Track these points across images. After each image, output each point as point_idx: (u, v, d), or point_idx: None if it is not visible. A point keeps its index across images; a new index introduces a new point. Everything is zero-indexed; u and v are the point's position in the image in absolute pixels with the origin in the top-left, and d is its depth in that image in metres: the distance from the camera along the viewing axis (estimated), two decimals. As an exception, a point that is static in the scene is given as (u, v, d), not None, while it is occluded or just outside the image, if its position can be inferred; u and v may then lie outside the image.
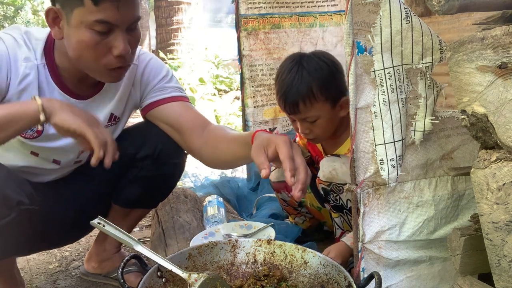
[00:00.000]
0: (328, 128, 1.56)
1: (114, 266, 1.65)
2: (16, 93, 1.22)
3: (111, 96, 1.39)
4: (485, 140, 0.77)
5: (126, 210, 1.57)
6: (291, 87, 1.50)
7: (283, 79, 1.54)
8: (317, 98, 1.48)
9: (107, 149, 1.12)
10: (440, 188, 1.14)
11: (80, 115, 1.12)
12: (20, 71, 1.21)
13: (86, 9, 1.12)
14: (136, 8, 1.20)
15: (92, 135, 1.08)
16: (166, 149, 1.46)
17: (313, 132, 1.56)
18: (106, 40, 1.16)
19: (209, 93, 5.35)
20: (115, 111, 1.41)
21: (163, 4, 6.78)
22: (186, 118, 1.41)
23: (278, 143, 1.03)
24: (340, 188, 1.53)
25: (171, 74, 1.48)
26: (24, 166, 1.32)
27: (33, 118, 1.08)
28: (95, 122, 1.15)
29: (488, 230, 0.77)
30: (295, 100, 1.49)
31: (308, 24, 2.45)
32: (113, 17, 1.13)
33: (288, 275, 1.17)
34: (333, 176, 1.51)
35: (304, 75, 1.49)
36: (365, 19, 1.02)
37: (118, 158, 1.17)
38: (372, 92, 1.05)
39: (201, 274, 1.04)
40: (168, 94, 1.43)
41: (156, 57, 1.51)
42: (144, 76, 1.43)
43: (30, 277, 1.75)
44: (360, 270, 1.11)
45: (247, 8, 2.33)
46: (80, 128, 1.08)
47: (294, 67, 1.53)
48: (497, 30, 0.71)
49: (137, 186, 1.51)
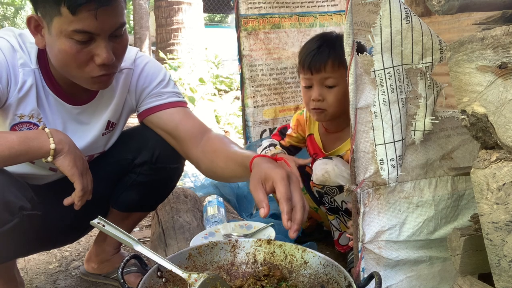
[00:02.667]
0: (340, 102, 1.55)
1: (114, 266, 1.65)
2: (16, 101, 1.22)
3: (107, 101, 1.38)
4: (485, 140, 0.77)
5: (124, 214, 1.57)
6: (324, 48, 1.54)
7: (316, 41, 1.59)
8: (344, 64, 1.52)
9: (83, 198, 1.23)
10: (440, 188, 1.13)
11: (77, 164, 1.20)
12: (19, 78, 1.20)
13: (64, 18, 1.08)
14: (119, 15, 1.15)
15: (80, 186, 1.20)
16: (164, 154, 1.45)
17: (326, 101, 1.56)
18: (87, 48, 1.13)
19: (209, 93, 5.35)
20: (112, 118, 1.40)
21: (163, 4, 6.77)
22: (184, 126, 1.38)
23: (276, 180, 1.02)
24: (334, 191, 1.54)
25: (168, 78, 1.45)
26: (21, 173, 1.31)
27: (42, 156, 1.16)
28: (86, 170, 1.25)
29: (488, 230, 0.77)
30: (325, 58, 1.52)
31: (308, 24, 2.45)
32: (92, 26, 1.10)
33: (288, 275, 1.17)
34: (326, 179, 1.52)
35: (336, 43, 1.54)
36: (365, 19, 1.02)
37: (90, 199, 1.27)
38: (372, 92, 1.05)
39: (201, 274, 1.04)
40: (165, 100, 1.40)
41: (153, 60, 1.48)
42: (140, 82, 1.41)
43: (30, 277, 1.75)
44: (360, 270, 1.11)
45: (247, 8, 2.33)
46: (73, 177, 1.19)
47: (326, 37, 1.60)
48: (497, 30, 0.70)
49: (135, 191, 1.50)
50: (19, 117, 1.24)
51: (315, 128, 1.77)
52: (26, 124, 1.25)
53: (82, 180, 1.20)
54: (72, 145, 1.21)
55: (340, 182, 1.51)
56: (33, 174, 1.35)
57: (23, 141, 1.13)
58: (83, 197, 1.22)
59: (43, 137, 1.15)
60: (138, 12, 8.90)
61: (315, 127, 1.77)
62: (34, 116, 1.26)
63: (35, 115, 1.26)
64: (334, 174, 1.51)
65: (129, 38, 1.25)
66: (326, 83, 1.55)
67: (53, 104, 1.29)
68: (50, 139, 1.15)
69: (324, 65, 1.52)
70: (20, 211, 1.16)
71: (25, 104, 1.23)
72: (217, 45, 8.21)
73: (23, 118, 1.24)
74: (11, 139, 1.12)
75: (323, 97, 1.56)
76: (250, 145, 2.39)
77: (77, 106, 1.33)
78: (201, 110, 4.68)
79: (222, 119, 5.06)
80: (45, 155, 1.15)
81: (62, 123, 1.32)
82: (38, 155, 1.15)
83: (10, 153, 1.11)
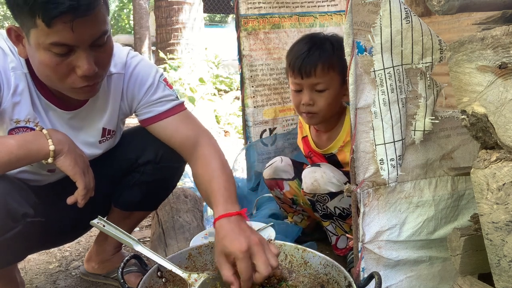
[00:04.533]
0: (330, 106, 1.56)
1: (114, 266, 1.65)
2: (11, 105, 1.19)
3: (100, 107, 1.34)
4: (485, 140, 0.77)
5: (126, 213, 1.57)
6: (313, 51, 1.53)
7: (305, 43, 1.58)
8: (334, 67, 1.52)
9: (86, 195, 1.23)
10: (440, 188, 1.13)
11: (78, 163, 1.19)
12: (12, 83, 1.17)
13: (41, 31, 1.03)
14: (99, 23, 1.08)
15: (82, 185, 1.20)
16: (167, 154, 1.45)
17: (317, 105, 1.55)
18: (67, 60, 1.08)
19: (209, 93, 5.35)
20: (108, 126, 1.37)
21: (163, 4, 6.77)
22: (176, 139, 1.35)
23: (237, 258, 0.99)
24: (325, 198, 1.54)
25: (157, 81, 1.37)
26: (19, 172, 1.30)
27: (42, 159, 1.15)
28: (88, 168, 1.24)
29: (488, 230, 0.77)
30: (315, 62, 1.51)
31: (308, 24, 2.45)
32: (69, 38, 1.03)
33: (288, 275, 1.17)
34: (315, 188, 1.53)
35: (326, 46, 1.54)
36: (365, 19, 1.02)
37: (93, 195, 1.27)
38: (372, 92, 1.05)
39: (201, 274, 1.04)
40: (154, 111, 1.35)
41: (144, 60, 1.40)
42: (130, 88, 1.36)
43: (30, 277, 1.75)
44: (360, 270, 1.11)
45: (247, 8, 2.33)
46: (76, 176, 1.19)
47: (315, 39, 1.58)
48: (497, 30, 0.70)
49: (138, 190, 1.50)
50: (15, 122, 1.21)
51: (307, 130, 1.79)
52: (23, 129, 1.23)
53: (84, 178, 1.20)
54: (71, 144, 1.20)
55: (330, 189, 1.52)
56: (32, 175, 1.34)
57: (22, 145, 1.12)
58: (86, 195, 1.21)
59: (42, 139, 1.14)
60: (138, 12, 8.90)
61: (307, 129, 1.80)
62: (30, 121, 1.23)
63: (31, 119, 1.23)
64: (323, 182, 1.51)
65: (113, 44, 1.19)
66: (316, 88, 1.54)
67: (46, 108, 1.26)
68: (49, 140, 1.14)
69: (314, 70, 1.51)
70: (24, 218, 1.16)
71: (19, 109, 1.20)
72: (217, 45, 8.21)
73: (19, 123, 1.22)
74: (9, 143, 1.10)
75: (313, 102, 1.55)
76: (250, 145, 2.39)
77: (69, 111, 1.30)
78: (201, 110, 4.67)
79: (222, 119, 5.06)
80: (45, 157, 1.14)
81: (58, 127, 1.30)
82: (38, 157, 1.14)
83: (10, 159, 1.10)
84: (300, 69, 1.53)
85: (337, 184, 1.52)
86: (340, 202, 1.54)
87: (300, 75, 1.54)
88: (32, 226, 1.19)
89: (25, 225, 1.16)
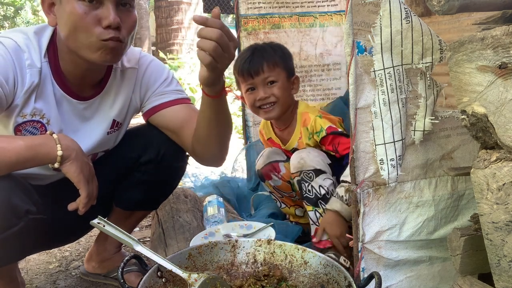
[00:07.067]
0: (284, 95, 1.73)
1: (114, 266, 1.65)
2: (23, 101, 1.22)
3: (112, 98, 1.39)
4: (485, 140, 0.77)
5: (127, 212, 1.57)
6: (257, 55, 1.74)
7: (247, 50, 1.79)
8: (278, 63, 1.74)
9: (88, 204, 1.23)
10: (440, 188, 1.13)
11: (83, 170, 1.21)
12: (26, 80, 1.21)
13: None
14: None
15: (85, 193, 1.21)
16: (169, 153, 1.46)
17: (273, 95, 1.71)
18: (95, 12, 1.16)
19: (209, 93, 5.33)
20: (117, 117, 1.42)
21: (163, 4, 6.79)
22: (183, 118, 1.41)
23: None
24: (310, 175, 1.61)
25: (171, 76, 1.48)
26: (25, 173, 1.31)
27: (49, 162, 1.17)
28: (92, 177, 1.26)
29: (488, 230, 0.77)
30: (261, 61, 1.71)
31: (308, 24, 2.45)
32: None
33: (288, 275, 1.17)
34: (301, 165, 1.62)
35: (267, 49, 1.77)
36: (365, 19, 1.02)
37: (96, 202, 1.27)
38: (372, 92, 1.05)
39: (201, 274, 1.04)
40: (167, 98, 1.43)
41: (156, 59, 1.50)
42: (144, 80, 1.43)
43: (30, 277, 1.75)
44: (360, 270, 1.11)
45: (247, 8, 2.33)
46: (79, 183, 1.20)
47: (256, 46, 1.81)
48: (497, 30, 0.70)
49: (139, 190, 1.51)
50: (22, 116, 1.24)
51: (270, 131, 1.92)
52: (30, 123, 1.26)
53: (87, 187, 1.21)
54: (79, 151, 1.21)
55: (315, 165, 1.61)
56: (37, 174, 1.35)
57: (31, 147, 1.13)
58: (87, 203, 1.22)
59: (51, 143, 1.16)
60: (138, 12, 8.85)
61: (270, 130, 1.93)
62: (36, 114, 1.26)
63: (37, 112, 1.26)
64: (309, 159, 1.62)
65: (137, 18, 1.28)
66: (267, 81, 1.71)
67: (60, 100, 1.30)
68: (58, 145, 1.16)
69: (261, 67, 1.70)
70: (26, 215, 1.17)
71: (28, 103, 1.23)
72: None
73: (26, 117, 1.24)
74: (18, 145, 1.12)
75: (268, 94, 1.71)
76: (250, 145, 2.39)
77: (83, 101, 1.34)
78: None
79: (222, 119, 5.04)
80: (52, 161, 1.16)
81: (67, 119, 1.32)
82: (45, 161, 1.16)
83: (17, 159, 1.12)
84: (249, 70, 1.71)
85: (321, 162, 1.63)
86: (324, 181, 1.62)
87: (251, 75, 1.71)
88: (34, 223, 1.20)
89: (28, 222, 1.17)
